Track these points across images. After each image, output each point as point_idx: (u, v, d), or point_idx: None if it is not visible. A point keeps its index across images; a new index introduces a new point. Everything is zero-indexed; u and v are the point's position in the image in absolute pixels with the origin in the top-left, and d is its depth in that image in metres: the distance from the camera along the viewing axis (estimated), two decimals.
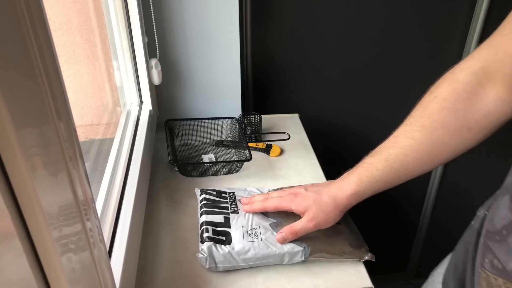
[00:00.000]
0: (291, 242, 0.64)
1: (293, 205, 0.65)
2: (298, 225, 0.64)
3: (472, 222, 0.57)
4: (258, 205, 0.69)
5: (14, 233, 0.25)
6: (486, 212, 0.53)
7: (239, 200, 0.74)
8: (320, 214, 0.63)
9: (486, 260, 0.48)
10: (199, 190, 0.77)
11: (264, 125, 1.04)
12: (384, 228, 1.55)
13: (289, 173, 0.88)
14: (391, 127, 1.47)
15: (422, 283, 0.78)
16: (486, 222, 0.51)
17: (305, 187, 0.67)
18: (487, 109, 0.55)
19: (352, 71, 1.23)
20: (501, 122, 0.56)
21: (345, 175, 0.65)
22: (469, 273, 0.52)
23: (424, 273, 1.95)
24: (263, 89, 1.20)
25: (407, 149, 0.59)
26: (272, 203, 0.67)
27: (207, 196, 0.74)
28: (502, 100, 0.54)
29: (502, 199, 0.47)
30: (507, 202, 0.46)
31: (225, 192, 0.76)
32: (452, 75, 0.59)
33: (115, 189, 0.66)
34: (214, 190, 0.76)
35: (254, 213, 0.69)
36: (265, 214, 0.70)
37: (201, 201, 0.73)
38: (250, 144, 0.94)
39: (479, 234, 0.52)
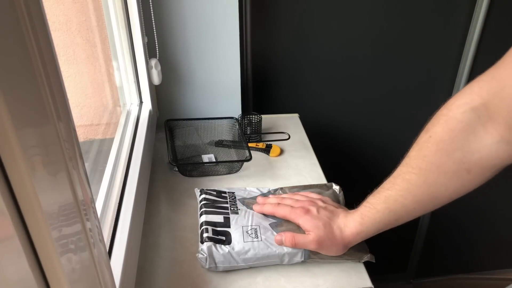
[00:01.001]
0: None
1: (301, 220, 0.64)
2: (300, 240, 0.63)
3: None
4: (269, 209, 0.69)
5: (14, 233, 0.25)
6: None
7: (240, 200, 0.74)
8: (326, 241, 0.62)
9: None
10: (198, 190, 0.77)
11: (264, 125, 1.04)
12: None
13: (289, 173, 0.88)
14: (390, 127, 1.47)
15: (422, 283, 0.78)
16: None
17: (318, 208, 0.65)
18: (487, 150, 0.50)
19: (352, 71, 1.23)
20: (506, 164, 0.50)
21: (353, 210, 0.65)
22: None
23: (424, 273, 1.95)
24: (263, 89, 1.20)
25: (404, 192, 0.57)
26: (282, 211, 0.67)
27: (207, 196, 0.74)
28: (507, 141, 0.48)
29: None
30: None
31: (224, 192, 0.76)
32: (448, 112, 0.53)
33: (115, 189, 0.66)
34: (214, 190, 0.76)
35: (255, 213, 0.70)
36: (265, 214, 0.70)
37: (200, 201, 0.73)
38: (250, 144, 0.94)
39: None
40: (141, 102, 0.96)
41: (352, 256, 0.66)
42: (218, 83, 1.04)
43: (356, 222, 0.62)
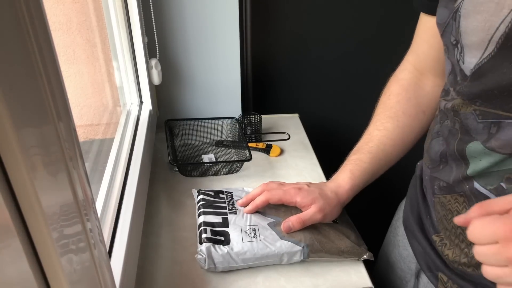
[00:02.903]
0: (290, 241, 0.64)
1: (299, 198, 0.66)
2: (306, 215, 0.65)
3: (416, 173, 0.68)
4: (261, 199, 0.68)
5: (14, 233, 0.25)
6: (422, 162, 0.64)
7: (237, 201, 0.73)
8: (327, 207, 0.66)
9: (435, 186, 0.57)
10: (196, 190, 0.77)
11: (264, 125, 1.04)
12: (384, 228, 1.54)
13: (289, 173, 0.88)
14: None
15: None
16: (426, 163, 0.61)
17: (306, 185, 0.69)
18: (430, 94, 0.67)
19: (351, 71, 1.23)
20: None
21: (335, 175, 0.70)
22: (423, 207, 0.62)
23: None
24: (263, 89, 1.20)
25: (383, 139, 0.68)
26: (277, 195, 0.68)
27: (205, 197, 0.73)
28: (437, 85, 0.66)
29: (433, 142, 0.58)
30: (439, 142, 0.57)
31: (222, 192, 0.76)
32: (395, 77, 0.72)
33: (115, 189, 0.66)
34: (211, 191, 0.76)
35: (253, 212, 0.69)
36: (263, 213, 0.70)
37: (198, 202, 0.73)
38: (250, 144, 0.94)
39: (421, 178, 0.64)
40: (141, 102, 0.96)
41: (351, 254, 0.66)
42: (218, 83, 1.04)
43: (348, 179, 0.68)
